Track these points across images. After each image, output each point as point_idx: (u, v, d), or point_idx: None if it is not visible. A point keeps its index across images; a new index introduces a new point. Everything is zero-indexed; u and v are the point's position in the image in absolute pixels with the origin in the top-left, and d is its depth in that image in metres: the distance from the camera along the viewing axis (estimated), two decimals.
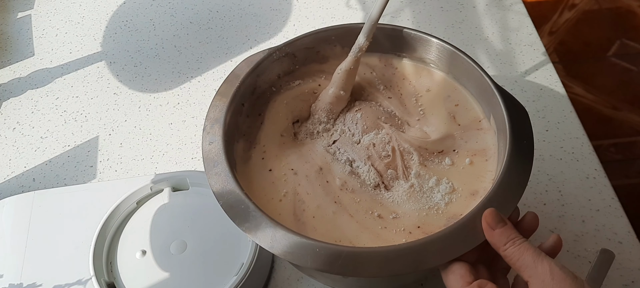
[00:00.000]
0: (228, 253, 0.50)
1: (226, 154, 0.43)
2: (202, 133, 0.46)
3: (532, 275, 0.34)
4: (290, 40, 0.52)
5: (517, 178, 0.41)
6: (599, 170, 0.59)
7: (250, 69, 0.49)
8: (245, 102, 0.49)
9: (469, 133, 0.49)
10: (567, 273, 0.34)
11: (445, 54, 0.51)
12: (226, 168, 0.42)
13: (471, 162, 0.47)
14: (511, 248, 0.36)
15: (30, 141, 0.67)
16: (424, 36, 0.51)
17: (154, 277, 0.49)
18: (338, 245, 0.39)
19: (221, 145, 0.44)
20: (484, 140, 0.48)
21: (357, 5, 0.80)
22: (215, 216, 0.52)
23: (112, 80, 0.73)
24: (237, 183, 0.42)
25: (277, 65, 0.52)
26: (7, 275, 0.51)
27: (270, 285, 0.53)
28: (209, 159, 0.44)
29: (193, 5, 0.83)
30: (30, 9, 0.84)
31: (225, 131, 0.45)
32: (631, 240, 0.53)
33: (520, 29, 0.75)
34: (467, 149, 0.48)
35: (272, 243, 0.38)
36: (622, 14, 1.66)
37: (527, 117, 0.45)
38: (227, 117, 0.46)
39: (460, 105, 0.50)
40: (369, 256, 0.37)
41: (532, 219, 0.39)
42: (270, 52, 0.51)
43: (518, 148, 0.42)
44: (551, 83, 0.68)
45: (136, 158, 0.64)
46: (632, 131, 1.39)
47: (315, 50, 0.53)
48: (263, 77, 0.51)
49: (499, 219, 0.37)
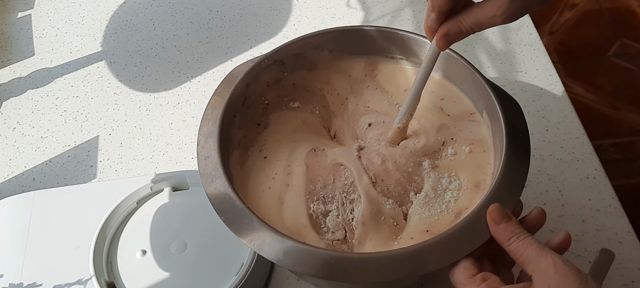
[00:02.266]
0: (228, 253, 0.50)
1: (223, 167, 0.43)
2: (197, 148, 0.45)
3: (536, 270, 0.34)
4: (278, 47, 0.51)
5: (517, 172, 0.41)
6: (599, 170, 0.59)
7: (240, 78, 0.49)
8: (237, 113, 0.49)
9: (461, 123, 0.48)
10: (571, 267, 0.34)
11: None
12: (225, 182, 0.42)
13: (470, 150, 0.47)
14: (515, 243, 0.36)
15: (30, 141, 0.67)
16: (412, 36, 0.51)
17: (154, 277, 0.49)
18: (337, 252, 0.38)
19: (217, 158, 0.43)
20: (479, 131, 0.48)
21: (357, 5, 0.80)
22: (215, 216, 0.52)
23: (112, 80, 0.73)
24: (236, 193, 0.41)
25: (265, 73, 0.51)
26: (7, 275, 0.51)
27: (270, 285, 0.53)
28: (206, 174, 0.43)
29: (193, 5, 0.83)
30: (30, 9, 0.84)
31: (219, 144, 0.44)
32: (631, 240, 0.53)
33: (520, 29, 0.75)
34: (463, 138, 0.48)
35: (278, 256, 0.38)
36: (622, 14, 1.66)
37: (520, 110, 0.45)
38: (221, 130, 0.45)
39: (446, 98, 0.50)
40: (368, 262, 0.37)
41: (539, 215, 0.39)
42: (259, 60, 0.50)
43: (515, 142, 0.42)
44: (551, 83, 0.68)
45: (136, 158, 0.64)
46: (632, 131, 1.39)
47: (304, 56, 0.52)
48: (252, 87, 0.50)
49: (503, 214, 0.37)
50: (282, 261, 0.38)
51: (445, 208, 0.44)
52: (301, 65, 0.53)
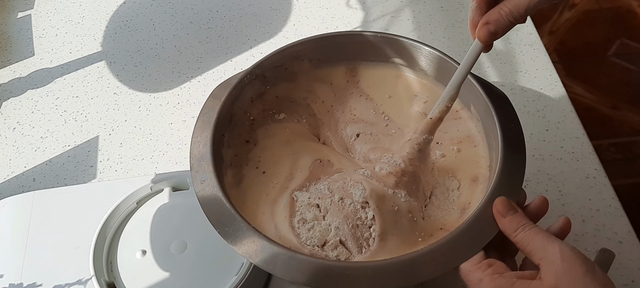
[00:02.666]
0: (228, 253, 0.50)
1: (220, 185, 0.43)
2: (190, 171, 0.45)
3: (543, 258, 0.35)
4: (259, 61, 0.51)
5: (516, 163, 0.41)
6: (599, 170, 0.59)
7: (225, 96, 0.48)
8: (225, 132, 0.49)
9: (445, 124, 0.47)
10: (578, 254, 0.34)
11: (413, 52, 0.51)
12: (222, 198, 0.42)
13: (458, 149, 0.47)
14: (522, 234, 0.36)
15: (30, 141, 0.67)
16: (391, 38, 0.51)
17: (154, 277, 0.49)
18: (330, 261, 0.38)
19: (214, 180, 0.43)
20: (465, 128, 0.48)
21: (357, 5, 0.80)
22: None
23: (112, 80, 0.73)
24: (232, 204, 0.42)
25: (249, 89, 0.51)
26: (7, 275, 0.51)
27: (271, 285, 0.53)
28: (205, 199, 0.43)
29: (193, 5, 0.83)
30: (30, 9, 0.84)
31: (214, 165, 0.44)
32: (631, 240, 0.53)
33: (520, 29, 0.75)
34: (449, 138, 0.48)
35: (274, 266, 0.38)
36: (622, 13, 1.66)
37: (508, 102, 0.46)
38: (212, 151, 0.45)
39: (429, 101, 0.51)
40: (360, 271, 0.37)
41: (541, 203, 0.40)
42: (241, 76, 0.50)
43: (508, 133, 0.42)
44: (551, 83, 0.68)
45: (136, 158, 0.64)
46: (632, 131, 1.39)
47: (284, 68, 0.52)
48: (237, 104, 0.50)
49: (509, 207, 0.38)
50: (277, 270, 0.38)
51: (451, 206, 0.44)
52: (282, 77, 0.53)
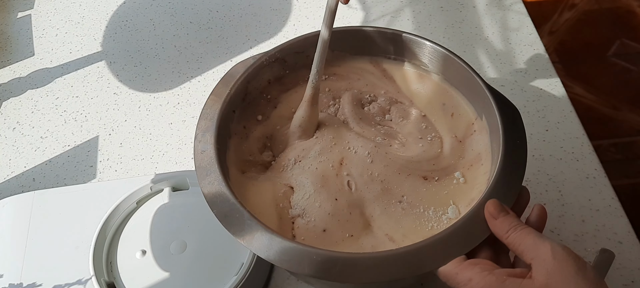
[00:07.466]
0: (228, 253, 0.50)
1: (219, 162, 0.43)
2: (194, 141, 0.45)
3: (534, 257, 0.35)
4: (281, 44, 0.52)
5: (514, 170, 0.41)
6: (599, 170, 0.59)
7: (240, 74, 0.49)
8: (236, 109, 0.49)
9: (465, 144, 0.48)
10: (569, 253, 0.34)
11: (438, 56, 0.51)
12: (219, 176, 0.42)
13: (465, 180, 0.46)
14: (513, 235, 0.36)
15: (30, 141, 0.67)
16: (416, 39, 0.51)
17: (154, 277, 0.49)
18: (334, 252, 0.38)
19: (213, 153, 0.44)
20: (477, 145, 0.48)
21: (357, 5, 0.80)
22: (215, 216, 0.52)
23: (112, 80, 0.73)
24: (231, 190, 0.41)
25: (267, 70, 0.51)
26: (7, 275, 0.51)
27: (270, 285, 0.53)
28: (201, 168, 0.43)
29: (193, 5, 0.83)
30: (30, 9, 0.84)
31: (216, 139, 0.45)
32: (631, 240, 0.53)
33: (520, 29, 0.75)
34: (463, 165, 0.47)
35: (268, 252, 0.38)
36: (622, 14, 1.66)
37: (518, 115, 0.45)
38: (219, 125, 0.46)
39: (455, 113, 0.50)
40: (365, 262, 0.37)
41: (541, 212, 0.40)
42: (260, 57, 0.51)
43: (511, 148, 0.42)
44: (551, 83, 0.68)
45: (136, 158, 0.64)
46: (632, 131, 1.39)
47: (305, 55, 0.53)
48: (253, 83, 0.51)
49: (501, 209, 0.38)
50: (271, 257, 0.38)
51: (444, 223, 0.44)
52: (303, 63, 0.53)
